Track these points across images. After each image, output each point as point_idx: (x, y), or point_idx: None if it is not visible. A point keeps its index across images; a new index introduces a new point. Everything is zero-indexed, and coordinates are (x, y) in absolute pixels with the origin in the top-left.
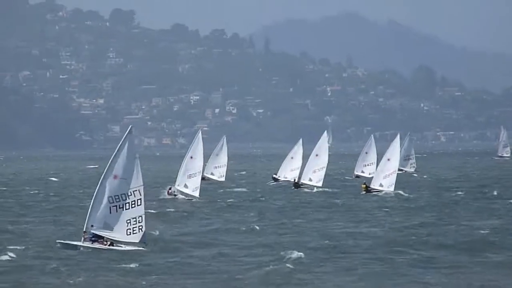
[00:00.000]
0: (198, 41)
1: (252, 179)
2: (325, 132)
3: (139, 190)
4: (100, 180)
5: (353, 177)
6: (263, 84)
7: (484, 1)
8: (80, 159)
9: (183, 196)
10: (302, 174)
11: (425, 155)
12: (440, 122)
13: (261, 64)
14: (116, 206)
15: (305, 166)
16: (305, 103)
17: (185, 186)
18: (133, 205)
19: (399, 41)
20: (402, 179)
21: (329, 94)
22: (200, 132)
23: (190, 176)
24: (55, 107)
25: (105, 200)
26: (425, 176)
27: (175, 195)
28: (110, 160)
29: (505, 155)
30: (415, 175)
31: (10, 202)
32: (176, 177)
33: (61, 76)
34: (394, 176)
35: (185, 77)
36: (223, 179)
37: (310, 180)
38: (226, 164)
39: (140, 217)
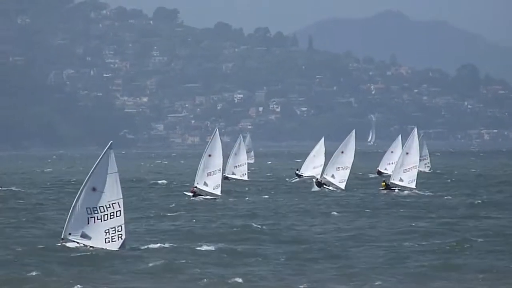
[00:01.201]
0: (241, 40)
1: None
2: (353, 130)
3: (118, 202)
4: (79, 191)
5: (376, 173)
6: (306, 83)
7: None
8: (132, 158)
9: (206, 196)
10: (324, 171)
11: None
12: (484, 120)
13: (305, 62)
14: (94, 217)
15: (329, 162)
16: (348, 101)
17: (205, 184)
18: (111, 216)
19: (443, 40)
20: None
21: (373, 92)
22: (217, 130)
23: (209, 174)
24: (99, 105)
25: (82, 211)
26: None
27: (199, 194)
28: (90, 172)
29: None
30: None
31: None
32: (195, 176)
33: (105, 75)
34: (415, 172)
35: (228, 75)
36: (246, 177)
37: (333, 176)
38: (246, 163)
39: (120, 227)
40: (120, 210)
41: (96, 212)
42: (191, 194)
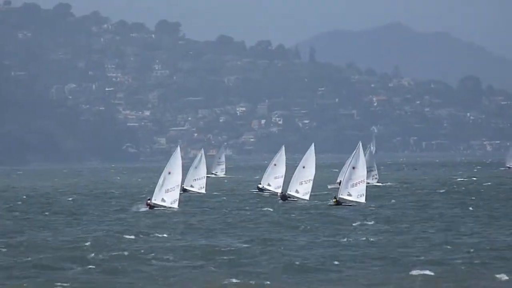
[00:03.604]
0: (244, 53)
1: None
2: (313, 144)
3: None
4: None
5: (338, 183)
6: (308, 95)
7: None
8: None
9: (162, 207)
10: (288, 185)
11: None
12: (486, 131)
13: (307, 74)
14: None
15: (292, 178)
16: (351, 113)
17: (162, 200)
18: None
19: (445, 51)
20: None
21: (375, 104)
22: (179, 148)
23: (167, 191)
24: (101, 119)
25: None
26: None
27: (154, 207)
28: None
29: None
30: (378, 184)
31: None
32: (154, 192)
33: (107, 89)
34: (364, 186)
35: (231, 88)
36: (203, 190)
37: (297, 191)
38: (205, 176)
39: None
40: None
41: None
42: (146, 207)
